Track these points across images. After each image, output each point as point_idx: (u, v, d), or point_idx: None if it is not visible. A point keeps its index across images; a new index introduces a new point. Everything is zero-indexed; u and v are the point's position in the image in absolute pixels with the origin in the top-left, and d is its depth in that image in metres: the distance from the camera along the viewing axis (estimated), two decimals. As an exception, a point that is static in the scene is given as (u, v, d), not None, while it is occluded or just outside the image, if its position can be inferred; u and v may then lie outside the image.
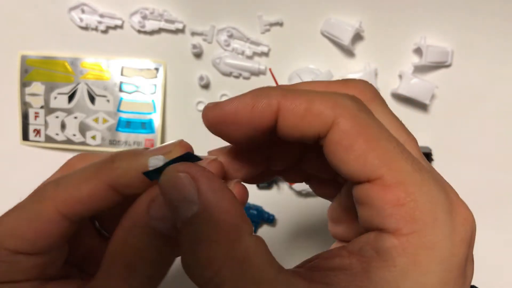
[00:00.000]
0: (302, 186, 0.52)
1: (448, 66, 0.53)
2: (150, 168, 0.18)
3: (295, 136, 0.18)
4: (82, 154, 0.23)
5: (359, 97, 0.18)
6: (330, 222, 0.23)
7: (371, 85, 0.20)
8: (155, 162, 0.18)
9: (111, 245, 0.18)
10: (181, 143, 0.20)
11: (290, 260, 0.56)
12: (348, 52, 0.53)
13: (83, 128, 0.54)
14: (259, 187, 0.53)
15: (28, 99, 0.54)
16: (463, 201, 0.20)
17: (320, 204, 0.54)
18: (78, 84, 0.54)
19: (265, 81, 0.53)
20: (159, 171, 0.18)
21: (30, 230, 0.18)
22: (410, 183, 0.16)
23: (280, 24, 0.53)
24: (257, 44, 0.53)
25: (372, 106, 0.18)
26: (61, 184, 0.19)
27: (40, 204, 0.19)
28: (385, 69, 0.53)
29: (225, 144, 0.21)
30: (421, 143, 0.54)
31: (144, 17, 0.52)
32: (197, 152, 0.21)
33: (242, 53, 0.53)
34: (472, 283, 0.58)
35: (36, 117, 0.54)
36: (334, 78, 0.49)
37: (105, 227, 0.25)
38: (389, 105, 0.55)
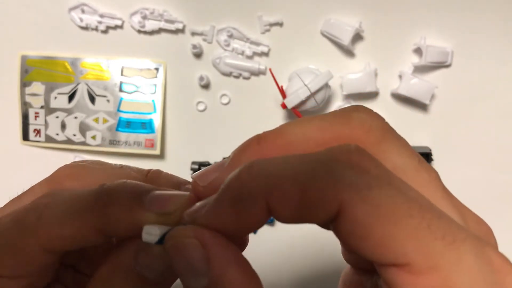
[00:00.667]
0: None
1: (448, 66, 0.53)
2: (144, 240, 0.16)
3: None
4: (72, 167, 0.21)
5: (366, 137, 0.16)
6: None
7: (378, 116, 0.17)
8: (149, 237, 0.16)
9: (92, 282, 0.17)
10: (190, 201, 0.17)
11: (290, 259, 0.56)
12: (348, 52, 0.53)
13: (83, 128, 0.54)
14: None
15: (28, 99, 0.54)
16: (504, 257, 0.15)
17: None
18: (78, 84, 0.54)
19: (265, 81, 0.53)
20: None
21: (11, 259, 0.17)
22: (445, 266, 0.13)
23: (280, 24, 0.53)
24: (257, 44, 0.53)
25: (383, 146, 0.16)
26: (43, 217, 0.17)
27: (21, 238, 0.17)
28: (385, 69, 0.53)
29: (225, 143, 0.20)
30: (421, 143, 0.54)
31: (144, 17, 0.52)
32: (200, 152, 0.21)
33: (242, 53, 0.53)
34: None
35: (36, 117, 0.54)
36: (334, 78, 0.49)
37: None
38: (389, 105, 0.54)
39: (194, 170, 0.53)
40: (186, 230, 0.15)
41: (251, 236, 0.53)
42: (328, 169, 0.14)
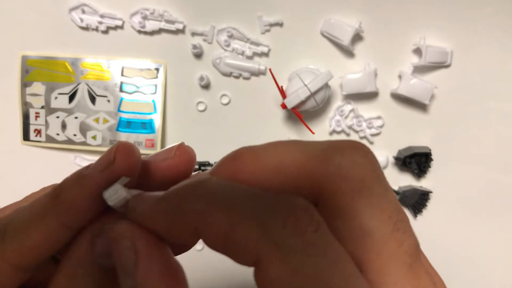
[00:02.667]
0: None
1: (448, 66, 0.53)
2: (111, 204, 0.16)
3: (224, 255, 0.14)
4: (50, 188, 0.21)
5: (340, 186, 0.14)
6: None
7: (363, 163, 0.15)
8: (114, 196, 0.16)
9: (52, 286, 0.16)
10: (121, 146, 0.17)
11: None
12: (348, 52, 0.53)
13: (83, 128, 0.54)
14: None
15: (28, 99, 0.54)
16: None
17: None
18: (78, 84, 0.54)
19: (265, 81, 0.53)
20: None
21: None
22: None
23: (280, 24, 0.53)
24: (257, 44, 0.53)
25: (355, 202, 0.14)
26: (8, 232, 0.17)
27: None
28: (385, 69, 0.53)
29: (225, 143, 0.19)
30: (421, 143, 0.54)
31: (145, 18, 0.52)
32: (200, 152, 0.20)
33: (242, 53, 0.53)
34: (471, 284, 0.58)
35: (36, 117, 0.54)
36: (334, 78, 0.49)
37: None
38: (388, 105, 0.54)
39: (194, 170, 0.53)
40: (125, 230, 0.15)
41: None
42: (263, 218, 0.13)
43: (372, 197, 0.14)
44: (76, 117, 0.54)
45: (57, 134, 0.54)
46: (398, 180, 0.55)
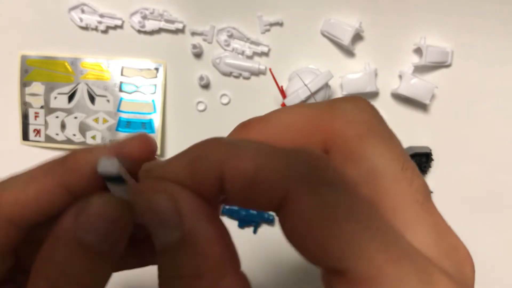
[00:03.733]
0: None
1: (448, 66, 0.53)
2: (100, 173, 0.15)
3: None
4: None
5: (347, 130, 0.15)
6: None
7: (367, 109, 0.16)
8: (106, 167, 0.15)
9: (36, 261, 0.16)
10: (141, 138, 0.17)
11: (289, 260, 0.56)
12: (348, 52, 0.53)
13: (83, 128, 0.54)
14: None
15: (28, 99, 0.54)
16: (449, 283, 0.14)
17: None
18: (78, 84, 0.54)
19: (265, 81, 0.53)
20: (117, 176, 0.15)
21: None
22: (383, 281, 0.12)
23: (280, 24, 0.53)
24: (257, 44, 0.53)
25: (364, 143, 0.15)
26: (6, 186, 0.17)
27: None
28: (385, 69, 0.53)
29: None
30: (421, 143, 0.54)
31: (144, 17, 0.52)
32: None
33: (242, 53, 0.53)
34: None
35: (36, 117, 0.54)
36: (334, 78, 0.49)
37: None
38: (389, 105, 0.54)
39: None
40: (155, 183, 0.15)
41: (252, 236, 0.53)
42: (285, 158, 0.13)
43: (379, 137, 0.15)
44: (75, 117, 0.54)
45: (57, 134, 0.54)
46: (398, 180, 0.55)
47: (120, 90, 0.53)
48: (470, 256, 0.16)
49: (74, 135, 0.54)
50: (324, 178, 0.13)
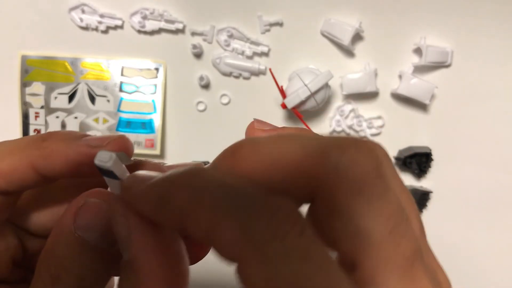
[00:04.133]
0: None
1: (448, 66, 0.53)
2: (96, 165, 0.16)
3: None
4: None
5: (337, 186, 0.14)
6: None
7: (365, 159, 0.14)
8: (102, 161, 0.16)
9: (41, 254, 0.17)
10: (120, 139, 0.18)
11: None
12: (348, 52, 0.53)
13: (83, 128, 0.54)
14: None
15: (28, 99, 0.54)
16: None
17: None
18: (78, 84, 0.54)
19: (265, 81, 0.53)
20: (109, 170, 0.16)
21: None
22: None
23: (280, 24, 0.53)
24: (257, 44, 0.53)
25: (353, 202, 0.14)
26: None
27: None
28: (385, 69, 0.53)
29: (225, 143, 0.18)
30: (421, 143, 0.54)
31: (144, 17, 0.52)
32: (200, 152, 0.20)
33: (242, 53, 0.53)
34: (472, 284, 0.58)
35: (36, 117, 0.54)
36: (334, 78, 0.49)
37: None
38: (389, 105, 0.54)
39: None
40: (119, 207, 0.16)
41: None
42: (245, 219, 0.12)
43: (371, 197, 0.14)
44: (75, 117, 0.54)
45: (57, 134, 0.54)
46: (398, 180, 0.55)
47: (120, 90, 0.54)
48: None
49: (74, 135, 0.54)
50: (281, 248, 0.12)
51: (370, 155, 0.14)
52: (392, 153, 0.54)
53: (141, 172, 0.16)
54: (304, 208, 0.15)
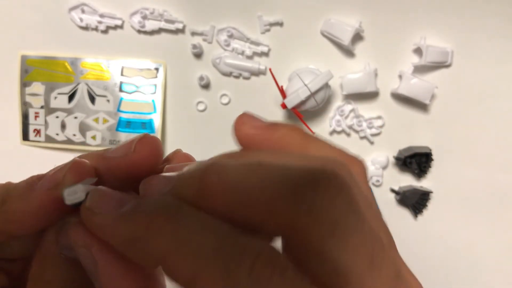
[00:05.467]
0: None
1: (448, 66, 0.53)
2: (67, 204, 0.15)
3: None
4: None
5: (310, 228, 0.13)
6: None
7: (338, 192, 0.14)
8: (74, 196, 0.15)
9: (29, 280, 0.17)
10: (74, 165, 0.16)
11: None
12: (348, 52, 0.53)
13: (83, 128, 0.54)
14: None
15: (28, 99, 0.54)
16: None
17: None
18: (78, 84, 0.54)
19: (265, 81, 0.53)
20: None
21: None
22: None
23: (280, 24, 0.53)
24: (257, 44, 0.53)
25: (328, 243, 0.13)
26: None
27: None
28: (385, 69, 0.53)
29: (225, 143, 0.18)
30: (421, 143, 0.54)
31: (144, 17, 0.52)
32: (200, 152, 0.20)
33: (242, 53, 0.53)
34: (473, 284, 0.58)
35: (36, 117, 0.54)
36: (334, 78, 0.49)
37: None
38: (389, 105, 0.54)
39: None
40: (80, 237, 0.15)
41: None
42: (228, 267, 0.12)
43: (347, 235, 0.13)
44: (75, 117, 0.54)
45: (57, 134, 0.54)
46: (399, 180, 0.55)
47: (120, 90, 0.53)
48: None
49: (74, 135, 0.54)
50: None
51: (342, 190, 0.14)
52: (392, 153, 0.54)
53: (106, 190, 0.15)
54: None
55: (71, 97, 0.54)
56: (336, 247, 0.13)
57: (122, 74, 0.53)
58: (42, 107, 0.54)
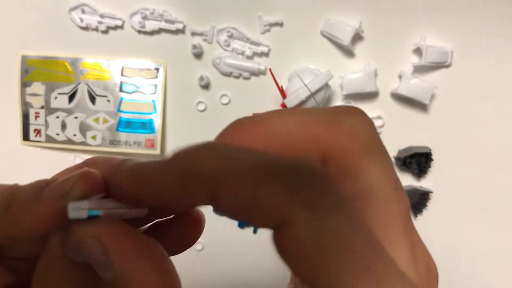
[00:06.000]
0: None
1: (448, 66, 0.53)
2: (71, 218, 0.15)
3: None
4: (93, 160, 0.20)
5: (351, 146, 0.15)
6: None
7: (369, 124, 0.15)
8: (78, 213, 0.15)
9: (33, 280, 0.17)
10: (84, 176, 0.16)
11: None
12: (348, 52, 0.53)
13: (83, 128, 0.54)
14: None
15: (28, 99, 0.54)
16: None
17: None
18: (78, 84, 0.54)
19: (265, 81, 0.53)
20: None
21: None
22: None
23: (280, 24, 0.53)
24: (257, 44, 0.53)
25: (365, 161, 0.15)
26: None
27: None
28: (385, 69, 0.53)
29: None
30: (421, 143, 0.54)
31: (144, 18, 0.52)
32: None
33: (242, 53, 0.53)
34: (473, 284, 0.58)
35: (36, 117, 0.54)
36: (334, 78, 0.49)
37: None
38: (388, 105, 0.54)
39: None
40: (86, 229, 0.15)
41: (251, 236, 0.53)
42: (288, 180, 0.13)
43: (378, 157, 0.15)
44: (76, 117, 0.54)
45: (57, 134, 0.54)
46: (398, 180, 0.55)
47: (121, 90, 0.54)
48: (437, 273, 0.17)
49: (75, 135, 0.54)
50: (327, 204, 0.13)
51: (369, 120, 0.16)
52: (392, 153, 0.54)
53: (135, 160, 0.15)
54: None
55: (71, 97, 0.54)
56: (371, 165, 0.15)
57: (122, 74, 0.54)
58: (42, 107, 0.54)
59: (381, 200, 0.15)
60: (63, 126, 0.54)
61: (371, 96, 0.53)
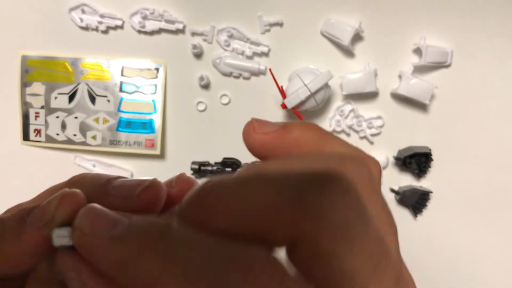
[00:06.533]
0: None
1: (448, 66, 0.53)
2: (56, 245, 0.15)
3: None
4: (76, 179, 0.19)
5: (321, 231, 0.13)
6: None
7: (346, 191, 0.14)
8: (63, 240, 0.15)
9: None
10: (65, 198, 0.16)
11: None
12: (348, 52, 0.53)
13: (83, 128, 0.54)
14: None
15: (28, 99, 0.54)
16: None
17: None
18: (78, 84, 0.54)
19: (265, 81, 0.53)
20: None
21: None
22: None
23: (280, 24, 0.53)
24: (257, 44, 0.53)
25: (336, 246, 0.13)
26: None
27: None
28: (385, 69, 0.53)
29: (225, 143, 0.17)
30: (421, 143, 0.54)
31: (145, 18, 0.52)
32: (200, 152, 0.20)
33: (242, 53, 0.53)
34: (473, 284, 0.58)
35: (36, 117, 0.54)
36: (334, 78, 0.49)
37: None
38: (388, 105, 0.54)
39: (194, 170, 0.53)
40: (67, 261, 0.15)
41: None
42: (220, 280, 0.12)
43: (354, 238, 0.13)
44: (76, 117, 0.54)
45: (57, 134, 0.54)
46: (398, 180, 0.55)
47: (121, 90, 0.54)
48: None
49: (75, 135, 0.54)
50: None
51: (349, 191, 0.14)
52: (392, 153, 0.54)
53: (97, 209, 0.15)
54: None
55: (71, 97, 0.54)
56: (343, 250, 0.13)
57: (122, 74, 0.54)
58: (42, 107, 0.54)
59: (357, 285, 0.13)
60: (63, 126, 0.54)
61: (371, 96, 0.53)
